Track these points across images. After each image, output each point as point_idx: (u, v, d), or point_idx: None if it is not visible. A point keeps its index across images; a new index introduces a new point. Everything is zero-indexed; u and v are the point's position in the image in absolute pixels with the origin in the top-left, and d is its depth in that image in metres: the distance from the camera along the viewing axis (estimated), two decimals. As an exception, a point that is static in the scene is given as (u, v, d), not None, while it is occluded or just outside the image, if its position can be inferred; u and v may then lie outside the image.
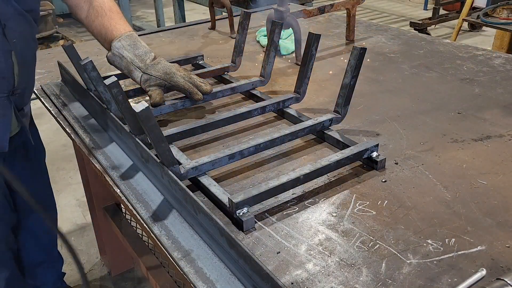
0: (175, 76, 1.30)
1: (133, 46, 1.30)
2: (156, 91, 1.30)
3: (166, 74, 1.29)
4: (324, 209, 0.97)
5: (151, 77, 1.29)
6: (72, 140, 1.30)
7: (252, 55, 1.84)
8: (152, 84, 1.29)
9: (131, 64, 1.29)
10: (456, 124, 1.29)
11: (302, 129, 1.19)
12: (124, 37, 1.30)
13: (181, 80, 1.30)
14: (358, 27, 2.11)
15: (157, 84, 1.30)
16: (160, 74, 1.29)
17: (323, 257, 0.85)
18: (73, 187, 3.00)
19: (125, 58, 1.29)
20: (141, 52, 1.30)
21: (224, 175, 1.10)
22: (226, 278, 0.81)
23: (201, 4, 4.45)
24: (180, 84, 1.30)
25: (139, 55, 1.29)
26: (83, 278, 1.11)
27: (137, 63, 1.29)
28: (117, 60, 1.30)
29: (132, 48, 1.29)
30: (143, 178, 1.08)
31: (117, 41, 1.29)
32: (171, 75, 1.30)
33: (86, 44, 2.02)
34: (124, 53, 1.28)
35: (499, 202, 0.98)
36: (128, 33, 1.31)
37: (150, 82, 1.29)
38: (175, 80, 1.30)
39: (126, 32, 1.31)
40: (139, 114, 0.90)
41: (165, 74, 1.29)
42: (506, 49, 3.97)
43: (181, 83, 1.30)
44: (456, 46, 1.88)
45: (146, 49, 1.32)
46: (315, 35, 1.25)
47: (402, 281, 0.79)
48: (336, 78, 1.61)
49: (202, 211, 0.85)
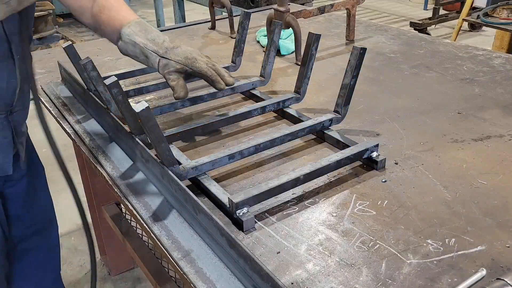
0: (198, 62, 1.19)
1: (144, 31, 1.20)
2: (179, 82, 1.20)
3: (187, 59, 1.19)
4: (324, 209, 0.97)
5: (170, 61, 1.18)
6: (72, 140, 1.30)
7: (252, 55, 1.84)
8: (171, 70, 1.19)
9: (145, 49, 1.19)
10: (456, 124, 1.29)
11: (302, 129, 1.19)
12: (133, 23, 1.21)
13: (204, 66, 1.20)
14: (358, 27, 2.11)
15: (177, 70, 1.19)
16: (180, 59, 1.18)
17: (323, 257, 0.85)
18: (73, 187, 2.99)
19: (138, 44, 1.19)
20: (153, 36, 1.20)
21: (224, 175, 1.10)
22: (226, 278, 0.81)
23: (201, 4, 4.45)
24: (203, 69, 1.19)
25: (152, 38, 1.20)
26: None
27: (151, 47, 1.19)
28: (130, 48, 1.21)
29: (144, 33, 1.20)
30: (143, 178, 1.08)
31: (127, 28, 1.20)
32: (193, 60, 1.19)
33: (86, 44, 2.02)
34: (136, 39, 1.19)
35: (499, 202, 0.98)
36: (136, 19, 1.23)
37: (170, 68, 1.19)
38: (198, 66, 1.19)
39: (134, 19, 1.22)
40: (139, 114, 0.90)
41: (186, 59, 1.19)
42: (506, 49, 3.97)
43: (204, 69, 1.19)
44: (456, 46, 1.88)
45: (158, 32, 1.23)
46: (315, 35, 1.25)
47: (402, 281, 0.79)
48: (336, 78, 1.61)
49: (202, 211, 0.85)
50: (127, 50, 1.22)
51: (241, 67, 1.61)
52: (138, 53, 1.21)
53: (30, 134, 1.38)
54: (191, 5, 5.04)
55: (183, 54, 1.19)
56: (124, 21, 1.21)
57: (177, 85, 1.19)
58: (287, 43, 1.85)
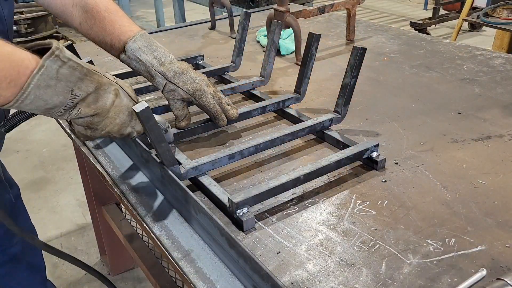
0: (205, 95, 1.15)
1: (150, 47, 1.14)
2: (184, 112, 1.16)
3: (195, 90, 1.14)
4: (324, 209, 0.97)
5: (178, 88, 1.14)
6: (72, 140, 1.30)
7: (252, 55, 1.84)
8: (177, 97, 1.15)
9: (151, 69, 1.13)
10: (456, 124, 1.29)
11: (302, 129, 1.19)
12: (139, 37, 1.13)
13: (211, 101, 1.15)
14: (358, 27, 2.11)
15: (183, 98, 1.15)
16: (189, 89, 1.14)
17: (323, 257, 0.85)
18: (73, 187, 3.00)
19: (144, 62, 1.13)
20: (160, 54, 1.14)
21: (224, 175, 1.10)
22: (226, 278, 0.81)
23: (201, 4, 4.45)
24: (209, 105, 1.16)
25: (159, 57, 1.14)
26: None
27: (158, 68, 1.13)
28: (134, 63, 1.14)
29: (149, 50, 1.13)
30: (143, 178, 1.08)
31: (132, 42, 1.12)
32: (201, 92, 1.14)
33: (86, 44, 2.02)
34: (141, 56, 1.12)
35: (499, 202, 0.98)
36: (141, 32, 1.16)
37: (176, 95, 1.14)
38: (205, 100, 1.15)
39: (138, 31, 1.15)
40: (139, 114, 0.90)
41: (194, 89, 1.14)
42: (506, 49, 3.97)
43: (210, 105, 1.16)
44: (456, 46, 1.88)
45: (164, 50, 1.17)
46: (315, 35, 1.25)
47: (402, 281, 0.79)
48: (336, 78, 1.61)
49: (202, 211, 0.85)
50: (130, 64, 1.16)
51: (241, 67, 1.61)
52: (143, 70, 1.15)
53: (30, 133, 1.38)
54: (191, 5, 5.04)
55: (192, 83, 1.14)
56: (125, 36, 1.14)
57: (181, 115, 1.17)
58: (287, 43, 1.85)
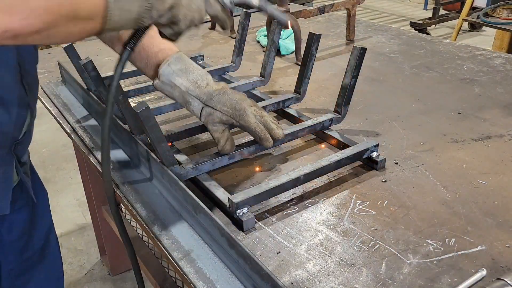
0: (246, 115, 1.05)
1: (185, 70, 1.06)
2: (225, 135, 1.07)
3: (235, 111, 1.04)
4: (324, 209, 0.97)
5: (216, 111, 1.05)
6: (72, 140, 1.30)
7: (252, 55, 1.84)
8: (216, 120, 1.06)
9: (186, 94, 1.05)
10: (456, 124, 1.29)
11: (302, 129, 1.19)
12: (173, 60, 1.06)
13: (253, 120, 1.05)
14: (358, 27, 2.11)
15: (222, 121, 1.06)
16: (227, 110, 1.05)
17: (323, 257, 0.85)
18: (73, 187, 3.00)
19: (178, 87, 1.05)
20: (195, 77, 1.06)
21: (224, 175, 1.10)
22: (226, 278, 0.81)
23: (201, 4, 4.45)
24: (251, 125, 1.05)
25: (194, 80, 1.06)
26: None
27: (193, 91, 1.05)
28: (167, 88, 1.07)
29: (185, 73, 1.05)
30: (143, 178, 1.08)
31: (166, 66, 1.05)
32: (242, 112, 1.04)
33: (86, 44, 2.02)
34: (176, 81, 1.05)
35: (499, 202, 0.98)
36: (177, 54, 1.08)
37: (214, 118, 1.05)
38: (247, 120, 1.05)
39: (173, 53, 1.07)
40: (139, 114, 0.90)
41: (234, 110, 1.04)
42: (506, 49, 3.97)
43: (253, 125, 1.05)
44: (456, 46, 1.88)
45: (201, 71, 1.08)
46: (315, 35, 1.25)
47: (402, 281, 0.79)
48: (336, 78, 1.61)
49: (202, 211, 0.85)
50: (164, 90, 1.08)
51: (241, 67, 1.61)
52: (177, 96, 1.07)
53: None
54: (191, 5, 5.04)
55: (230, 103, 1.05)
56: (161, 55, 1.07)
57: (222, 137, 1.07)
58: (287, 43, 1.85)
